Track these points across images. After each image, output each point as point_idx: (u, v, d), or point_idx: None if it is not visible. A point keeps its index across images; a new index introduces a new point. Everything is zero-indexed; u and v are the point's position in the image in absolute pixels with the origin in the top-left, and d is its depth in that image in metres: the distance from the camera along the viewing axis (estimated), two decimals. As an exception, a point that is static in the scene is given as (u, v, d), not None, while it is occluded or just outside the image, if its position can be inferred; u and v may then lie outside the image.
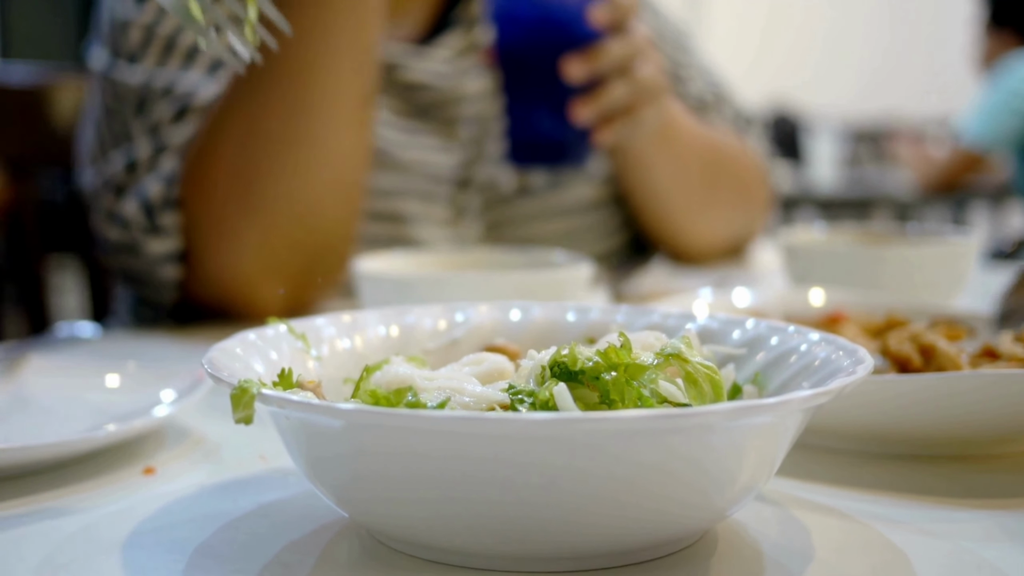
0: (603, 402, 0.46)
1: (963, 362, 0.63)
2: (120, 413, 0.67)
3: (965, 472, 0.59)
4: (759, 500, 0.54)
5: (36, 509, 0.54)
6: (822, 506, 0.54)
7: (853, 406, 0.59)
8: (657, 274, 1.39)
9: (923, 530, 0.51)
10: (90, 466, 0.61)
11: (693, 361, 0.49)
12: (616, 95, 1.07)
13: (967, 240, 1.05)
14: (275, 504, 0.54)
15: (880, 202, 4.71)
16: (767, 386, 0.55)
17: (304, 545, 0.49)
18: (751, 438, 0.43)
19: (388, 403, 0.47)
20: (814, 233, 1.18)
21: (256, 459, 0.62)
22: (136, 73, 1.07)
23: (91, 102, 1.14)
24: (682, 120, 1.28)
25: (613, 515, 0.42)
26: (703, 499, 0.44)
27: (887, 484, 0.57)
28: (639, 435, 0.40)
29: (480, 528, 0.43)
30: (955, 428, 0.59)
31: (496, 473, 0.41)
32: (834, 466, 0.60)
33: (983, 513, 0.53)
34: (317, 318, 0.60)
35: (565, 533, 0.43)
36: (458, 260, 0.97)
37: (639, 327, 0.61)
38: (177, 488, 0.57)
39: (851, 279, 0.95)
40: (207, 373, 0.48)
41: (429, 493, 0.42)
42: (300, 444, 0.46)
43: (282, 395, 0.45)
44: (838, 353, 0.51)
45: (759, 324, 0.58)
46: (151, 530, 0.51)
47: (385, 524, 0.46)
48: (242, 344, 0.54)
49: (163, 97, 1.07)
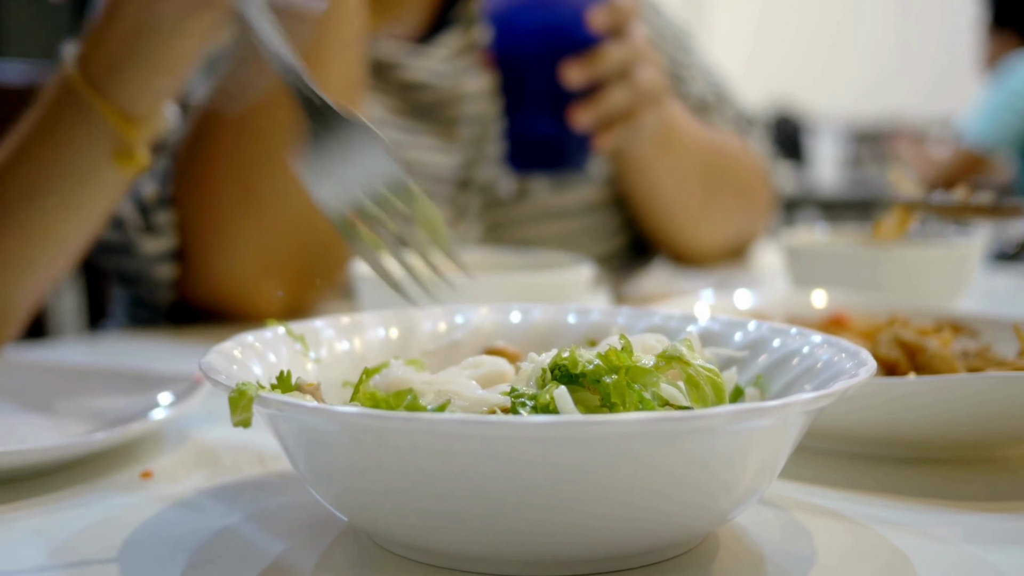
0: (604, 405, 0.46)
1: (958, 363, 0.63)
2: (117, 416, 0.67)
3: (969, 475, 0.59)
4: (761, 504, 0.54)
5: (32, 513, 0.54)
6: (825, 509, 0.53)
7: (856, 409, 0.58)
8: (658, 276, 1.38)
9: (927, 533, 0.50)
10: (87, 470, 0.60)
11: (695, 364, 0.49)
12: (616, 100, 1.07)
13: (970, 241, 1.05)
14: (273, 508, 0.54)
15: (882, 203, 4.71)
16: (769, 389, 0.55)
17: (303, 550, 0.49)
18: (753, 441, 0.43)
19: (388, 406, 0.47)
20: (816, 234, 1.18)
21: (254, 463, 0.61)
22: None
23: None
24: (683, 123, 1.28)
25: (613, 519, 0.42)
26: (704, 502, 0.44)
27: (890, 487, 0.57)
28: (639, 438, 0.40)
29: (480, 532, 0.43)
30: (959, 431, 0.59)
31: (496, 476, 0.41)
32: (837, 469, 0.60)
33: (987, 516, 0.53)
34: (316, 320, 0.60)
35: (565, 537, 0.43)
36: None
37: (640, 329, 0.61)
38: (175, 492, 0.57)
39: (854, 280, 0.94)
40: (205, 376, 0.48)
41: (429, 496, 0.42)
42: (299, 448, 0.46)
43: (281, 398, 0.44)
44: (840, 355, 0.51)
45: (761, 326, 0.58)
46: (148, 534, 0.51)
47: (384, 528, 0.46)
48: (240, 346, 0.53)
49: None
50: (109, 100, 0.82)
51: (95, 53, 0.83)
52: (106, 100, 0.82)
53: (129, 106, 0.83)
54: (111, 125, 0.82)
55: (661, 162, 1.27)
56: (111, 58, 0.82)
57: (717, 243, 1.42)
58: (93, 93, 0.82)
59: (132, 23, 0.81)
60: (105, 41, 0.82)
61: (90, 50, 0.83)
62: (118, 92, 0.82)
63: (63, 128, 0.83)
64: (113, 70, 0.82)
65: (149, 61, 0.82)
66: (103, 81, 0.82)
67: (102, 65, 0.82)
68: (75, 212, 0.85)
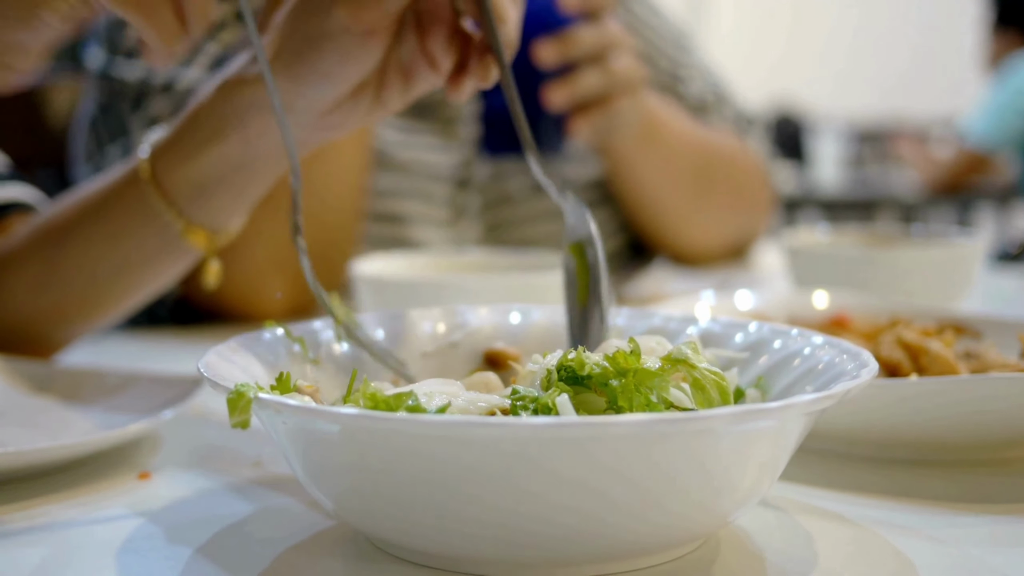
0: (611, 408, 0.46)
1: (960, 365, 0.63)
2: (115, 417, 0.67)
3: (972, 477, 0.58)
4: (762, 505, 0.54)
5: (29, 515, 0.54)
6: (826, 511, 0.53)
7: (857, 411, 0.58)
8: (658, 276, 1.38)
9: (929, 536, 0.50)
10: (84, 471, 0.60)
11: (700, 367, 0.48)
12: (589, 82, 1.07)
13: (973, 242, 1.04)
14: (271, 510, 0.54)
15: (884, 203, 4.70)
16: (770, 390, 0.54)
17: (301, 552, 0.48)
18: (754, 443, 0.43)
19: (388, 407, 0.47)
20: (818, 235, 1.18)
21: (252, 465, 0.61)
22: (135, 69, 1.07)
23: (86, 101, 1.14)
24: (669, 120, 1.28)
25: (614, 520, 0.42)
26: (705, 504, 0.43)
27: (892, 489, 0.56)
28: (639, 439, 0.40)
29: (480, 534, 0.42)
30: (961, 433, 0.59)
31: (496, 478, 0.40)
32: (838, 471, 0.59)
33: (990, 519, 0.53)
34: (315, 322, 0.59)
35: (565, 539, 0.42)
36: (457, 262, 0.96)
37: (640, 331, 0.61)
38: (172, 494, 0.57)
39: (855, 281, 0.94)
40: (203, 377, 0.48)
41: (429, 498, 0.42)
42: (297, 449, 0.46)
43: (279, 399, 0.44)
44: (842, 357, 0.51)
45: (762, 327, 0.58)
46: (146, 536, 0.50)
47: (384, 531, 0.46)
48: (239, 348, 0.53)
49: (162, 93, 1.06)
50: (189, 219, 0.75)
51: (179, 170, 0.74)
52: (186, 219, 0.75)
53: (212, 226, 0.76)
54: (188, 241, 0.76)
55: (646, 157, 1.26)
56: (199, 184, 0.74)
57: (712, 242, 1.42)
58: (171, 209, 0.74)
59: (235, 156, 0.72)
60: (193, 162, 0.73)
61: (173, 165, 0.74)
62: (201, 216, 0.75)
63: (131, 225, 0.76)
64: (201, 197, 0.74)
65: (244, 191, 0.75)
66: (186, 204, 0.74)
67: (186, 187, 0.74)
68: (132, 295, 0.81)
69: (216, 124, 0.72)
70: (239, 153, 0.72)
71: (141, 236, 0.76)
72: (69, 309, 0.80)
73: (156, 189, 0.74)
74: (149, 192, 0.74)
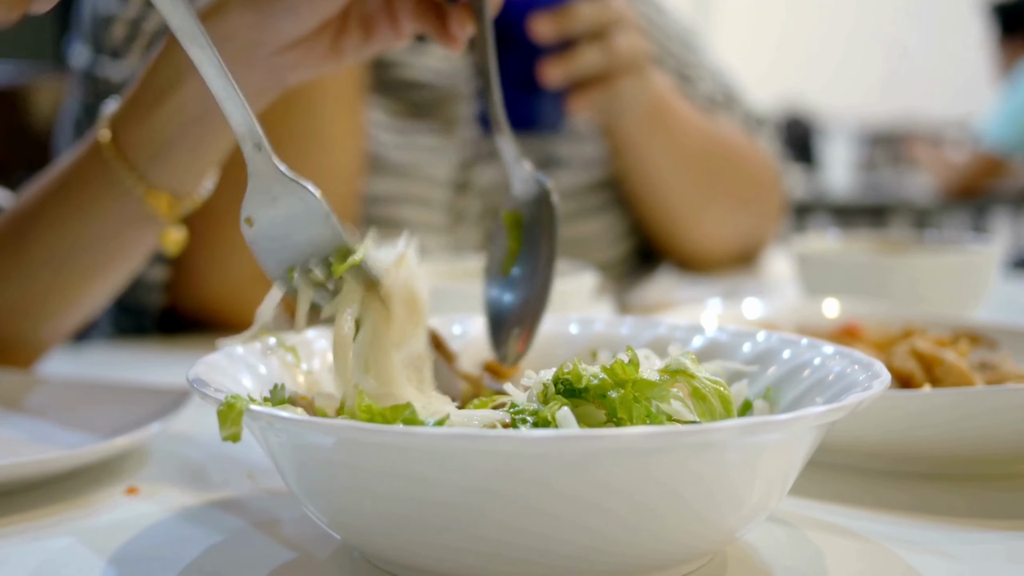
0: (610, 420, 0.45)
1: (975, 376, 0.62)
2: (101, 430, 0.66)
3: (984, 492, 0.58)
4: (771, 521, 0.53)
5: (13, 531, 0.53)
6: (837, 527, 0.53)
7: (869, 423, 0.57)
8: (664, 283, 1.37)
9: (942, 552, 0.49)
10: (70, 485, 0.60)
11: (700, 376, 0.47)
12: (589, 59, 1.06)
13: (988, 248, 1.04)
14: (263, 526, 0.53)
15: (897, 208, 4.68)
16: (779, 401, 0.54)
17: (294, 569, 0.48)
18: (762, 456, 0.42)
19: (384, 420, 0.46)
20: (828, 241, 1.17)
21: (244, 479, 0.60)
22: (120, 69, 1.06)
23: (70, 101, 1.13)
24: (677, 105, 1.26)
25: (616, 537, 0.41)
26: (711, 520, 0.43)
27: (905, 504, 0.56)
28: (643, 453, 0.39)
29: (479, 550, 0.42)
30: (976, 446, 0.58)
31: (496, 492, 0.40)
32: (849, 485, 0.59)
33: (1003, 535, 0.52)
34: (308, 331, 0.58)
35: (565, 555, 0.42)
36: (456, 269, 0.95)
37: (645, 340, 0.60)
38: (161, 509, 0.56)
39: (867, 289, 0.94)
40: (193, 388, 0.47)
41: (426, 513, 0.41)
42: (291, 463, 0.45)
43: (272, 411, 0.43)
44: (853, 367, 0.51)
45: (770, 337, 0.57)
46: (132, 553, 0.50)
47: (379, 546, 0.45)
48: (229, 358, 0.53)
49: None
50: (150, 183, 0.75)
51: (136, 130, 0.74)
52: (147, 183, 0.74)
53: (173, 189, 0.76)
54: (150, 206, 0.76)
55: (653, 141, 1.25)
56: (157, 142, 0.74)
57: (721, 243, 1.40)
58: (132, 173, 0.74)
59: (190, 108, 0.72)
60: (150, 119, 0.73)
61: (130, 126, 0.74)
62: (162, 177, 0.75)
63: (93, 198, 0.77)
64: (160, 156, 0.74)
65: (203, 145, 0.74)
66: (146, 165, 0.74)
67: (145, 146, 0.74)
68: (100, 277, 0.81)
69: (171, 74, 0.72)
70: (196, 103, 0.72)
71: (101, 207, 0.76)
72: (36, 299, 0.80)
73: (117, 154, 0.74)
74: (110, 158, 0.75)
